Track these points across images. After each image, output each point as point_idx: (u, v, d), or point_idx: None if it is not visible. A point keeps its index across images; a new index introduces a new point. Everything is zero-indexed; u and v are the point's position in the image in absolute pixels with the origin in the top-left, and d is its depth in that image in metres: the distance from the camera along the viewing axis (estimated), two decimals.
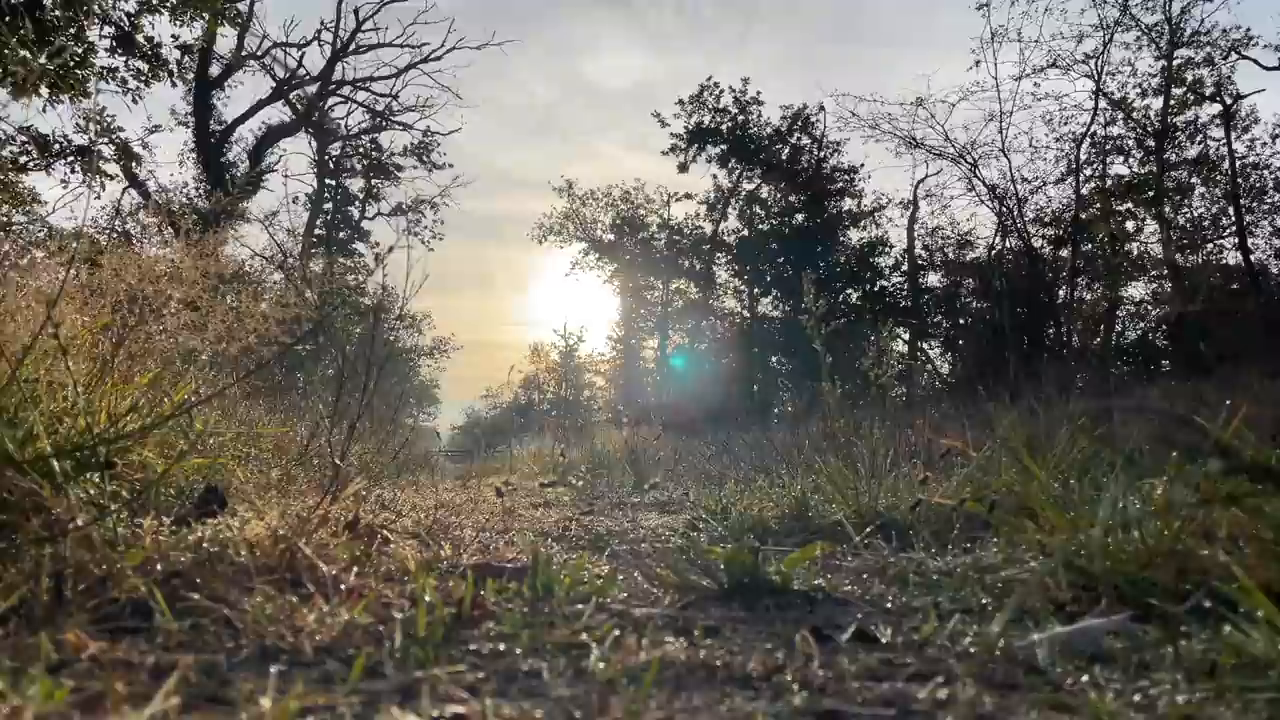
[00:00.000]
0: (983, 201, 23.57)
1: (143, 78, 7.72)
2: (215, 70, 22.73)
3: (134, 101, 8.23)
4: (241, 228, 33.55)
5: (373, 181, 38.66)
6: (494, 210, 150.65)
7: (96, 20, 7.19)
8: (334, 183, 38.68)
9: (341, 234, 39.57)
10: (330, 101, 30.61)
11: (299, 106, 25.37)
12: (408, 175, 38.05)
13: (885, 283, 25.66)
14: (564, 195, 34.89)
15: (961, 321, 22.63)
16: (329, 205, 38.83)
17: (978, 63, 24.27)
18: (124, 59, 7.55)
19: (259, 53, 23.86)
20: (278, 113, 25.61)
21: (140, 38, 7.54)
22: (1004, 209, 22.89)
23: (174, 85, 7.82)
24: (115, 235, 25.72)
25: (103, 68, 7.70)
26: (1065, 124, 24.76)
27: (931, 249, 26.25)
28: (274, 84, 23.80)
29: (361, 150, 38.04)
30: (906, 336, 28.29)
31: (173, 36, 7.20)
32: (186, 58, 7.36)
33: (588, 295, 39.79)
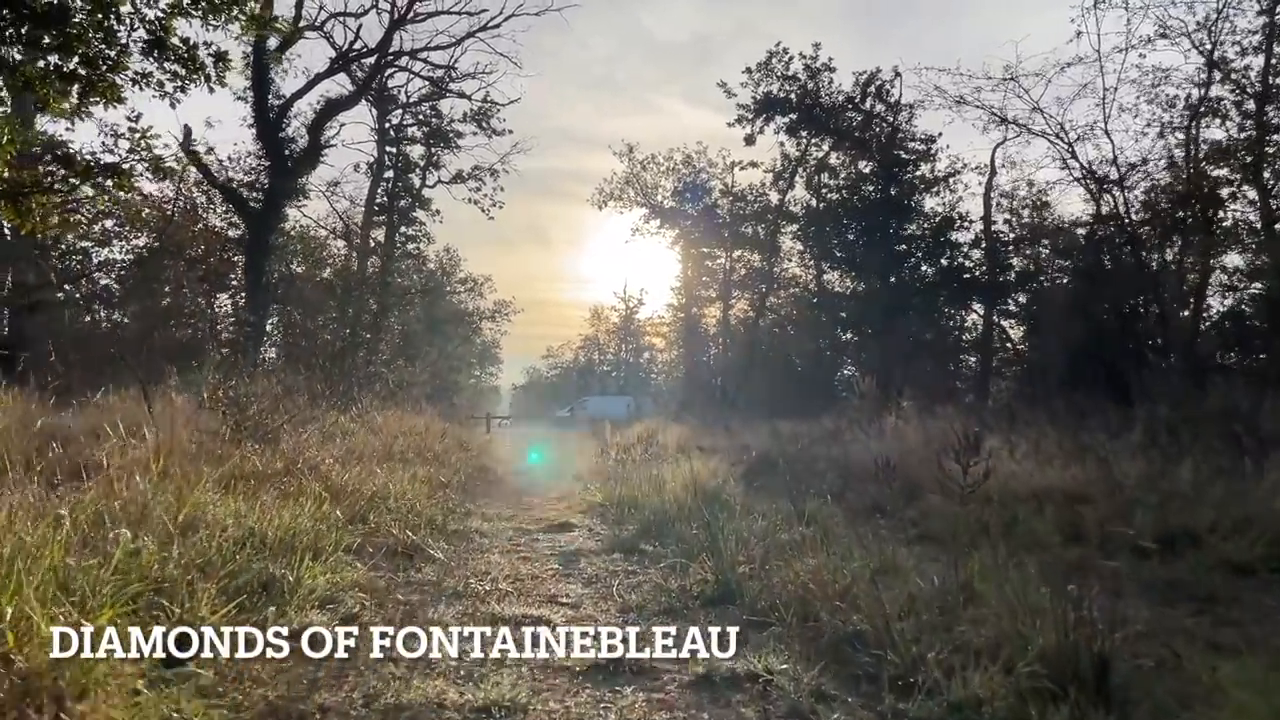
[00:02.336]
0: (1078, 181, 22.01)
1: (179, 80, 7.32)
2: (273, 43, 22.32)
3: (171, 107, 7.85)
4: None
5: (432, 149, 38.40)
6: (553, 167, 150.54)
7: (127, 24, 6.79)
8: (395, 150, 38.51)
9: (402, 202, 39.47)
10: (389, 71, 30.20)
11: (358, 78, 24.94)
12: (467, 143, 37.72)
13: (964, 259, 24.37)
14: (624, 159, 34.18)
15: (1045, 299, 21.30)
16: (390, 174, 38.71)
17: (1079, 33, 22.37)
18: (158, 63, 7.15)
19: (317, 23, 23.43)
20: (335, 85, 25.24)
21: (176, 40, 7.10)
22: (1103, 192, 21.38)
23: (211, 91, 7.40)
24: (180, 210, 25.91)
25: (136, 73, 7.28)
26: (1156, 86, 23.15)
27: (1014, 223, 24.89)
28: (331, 56, 23.37)
29: (421, 118, 37.75)
30: (981, 311, 27.06)
31: (205, 44, 6.84)
32: (220, 63, 6.93)
33: (649, 256, 39.11)
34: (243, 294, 28.97)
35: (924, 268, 24.64)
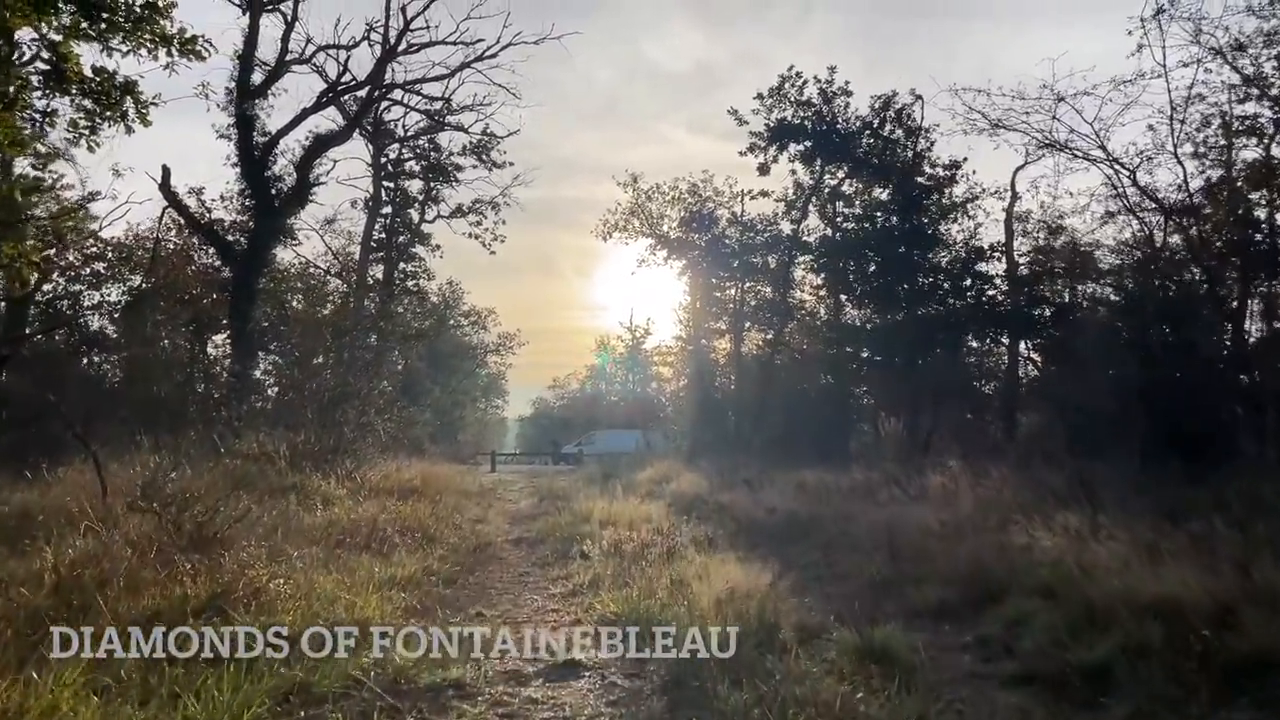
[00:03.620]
0: (1133, 211, 20.31)
1: (91, 120, 6.10)
2: (258, 78, 21.18)
3: (90, 150, 6.63)
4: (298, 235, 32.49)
5: (431, 184, 37.30)
6: (559, 196, 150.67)
7: (22, 50, 5.58)
8: (392, 185, 37.41)
9: (401, 238, 38.35)
10: (383, 104, 29.09)
11: (349, 111, 23.77)
12: (467, 176, 36.60)
13: (994, 290, 22.89)
14: (629, 189, 32.93)
15: (1086, 335, 19.64)
16: (388, 209, 37.59)
17: (1141, 47, 20.63)
18: (67, 98, 5.94)
19: (305, 56, 22.30)
20: (325, 120, 24.12)
21: (88, 70, 5.87)
22: (1171, 220, 19.72)
23: (129, 132, 6.20)
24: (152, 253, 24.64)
25: (39, 111, 6.04)
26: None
27: (1042, 250, 23.37)
28: (319, 90, 22.20)
29: (419, 151, 36.68)
30: (1006, 341, 25.56)
31: (140, 76, 5.67)
32: (133, 97, 5.82)
33: (657, 283, 37.70)
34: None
35: (951, 300, 23.14)
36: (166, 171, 20.29)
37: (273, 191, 21.29)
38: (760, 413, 28.86)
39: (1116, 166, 20.50)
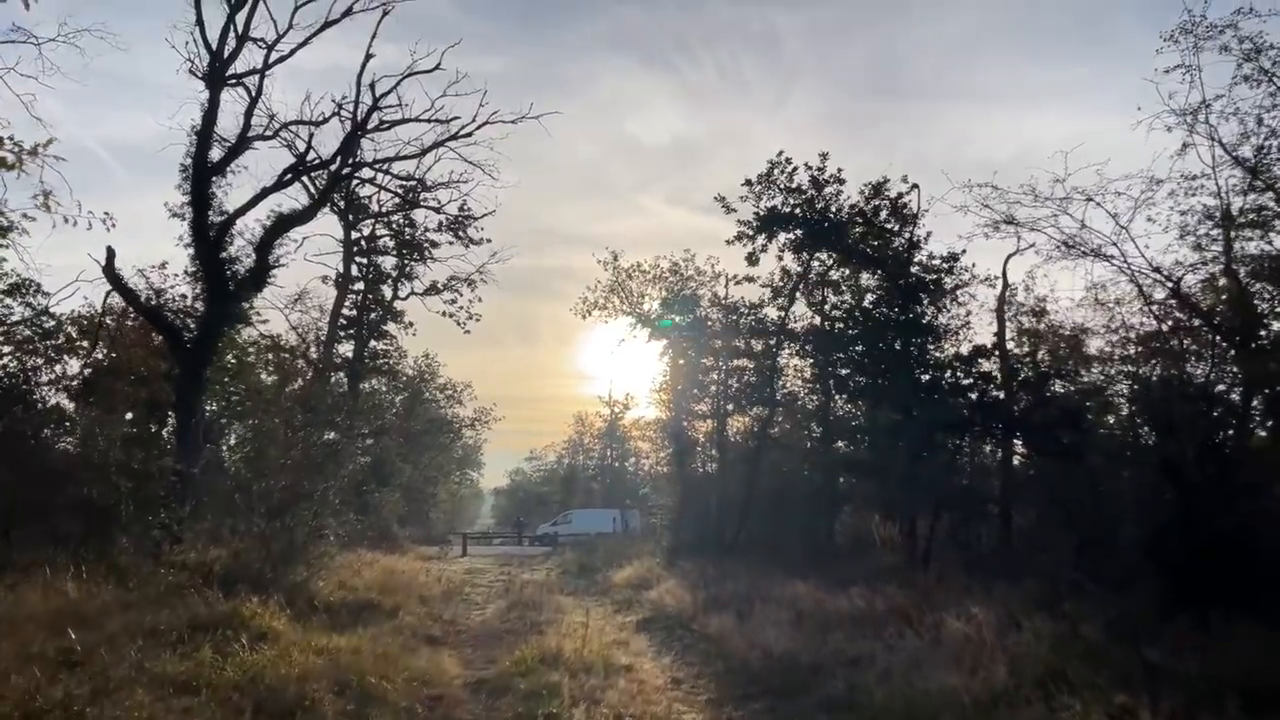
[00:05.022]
0: (1184, 329, 18.54)
1: None
2: (216, 154, 19.97)
3: None
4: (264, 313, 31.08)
5: (405, 260, 36.16)
6: (540, 266, 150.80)
7: None
8: (365, 262, 36.21)
9: (373, 314, 37.04)
10: (357, 181, 28.01)
11: (314, 191, 22.58)
12: (443, 252, 35.52)
13: (997, 392, 21.61)
14: (608, 267, 31.85)
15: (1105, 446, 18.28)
16: (360, 285, 36.32)
17: (1185, 146, 18.81)
18: None
19: (268, 133, 21.13)
20: (288, 198, 22.92)
21: None
22: (1222, 339, 18.21)
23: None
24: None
25: None
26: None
27: (1051, 352, 22.14)
28: (282, 169, 20.98)
29: (394, 228, 35.60)
30: (1015, 442, 24.15)
31: None
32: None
33: (637, 356, 36.41)
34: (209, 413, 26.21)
35: (952, 399, 21.84)
36: (111, 253, 18.90)
37: (228, 274, 19.90)
38: (745, 507, 27.33)
39: (1159, 278, 19.06)
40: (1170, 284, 18.69)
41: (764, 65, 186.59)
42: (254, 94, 20.50)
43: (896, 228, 25.34)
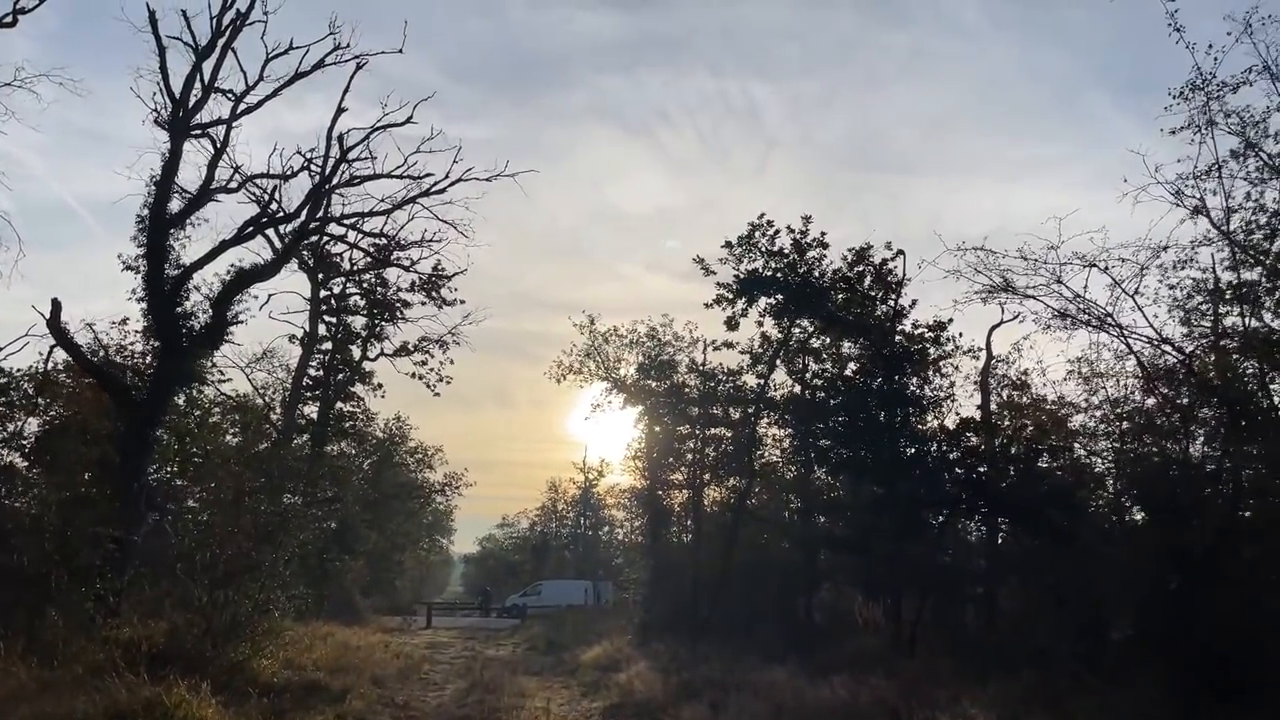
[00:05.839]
0: (1171, 396, 17.65)
1: None
2: (176, 205, 19.22)
3: None
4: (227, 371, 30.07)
5: (376, 320, 35.28)
6: (518, 329, 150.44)
7: None
8: (334, 320, 35.30)
9: (340, 375, 35.98)
10: (322, 239, 27.32)
11: (277, 247, 21.80)
12: (415, 313, 34.73)
13: (982, 467, 20.78)
14: (584, 331, 31.12)
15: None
16: (328, 345, 35.33)
17: (1197, 210, 17.66)
18: None
19: (232, 185, 20.43)
20: (250, 253, 22.11)
21: None
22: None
23: None
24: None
25: None
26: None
27: (1036, 426, 21.41)
28: (242, 222, 20.21)
29: (365, 287, 34.81)
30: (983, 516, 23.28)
31: None
32: None
33: (612, 422, 35.53)
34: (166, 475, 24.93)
35: (936, 473, 21.02)
36: (56, 305, 17.97)
37: (182, 330, 18.97)
38: (721, 583, 26.21)
39: (1164, 347, 18.41)
40: (1181, 355, 18.01)
41: (744, 135, 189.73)
42: (219, 145, 19.88)
43: (880, 294, 24.70)
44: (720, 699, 14.19)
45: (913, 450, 21.73)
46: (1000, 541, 23.57)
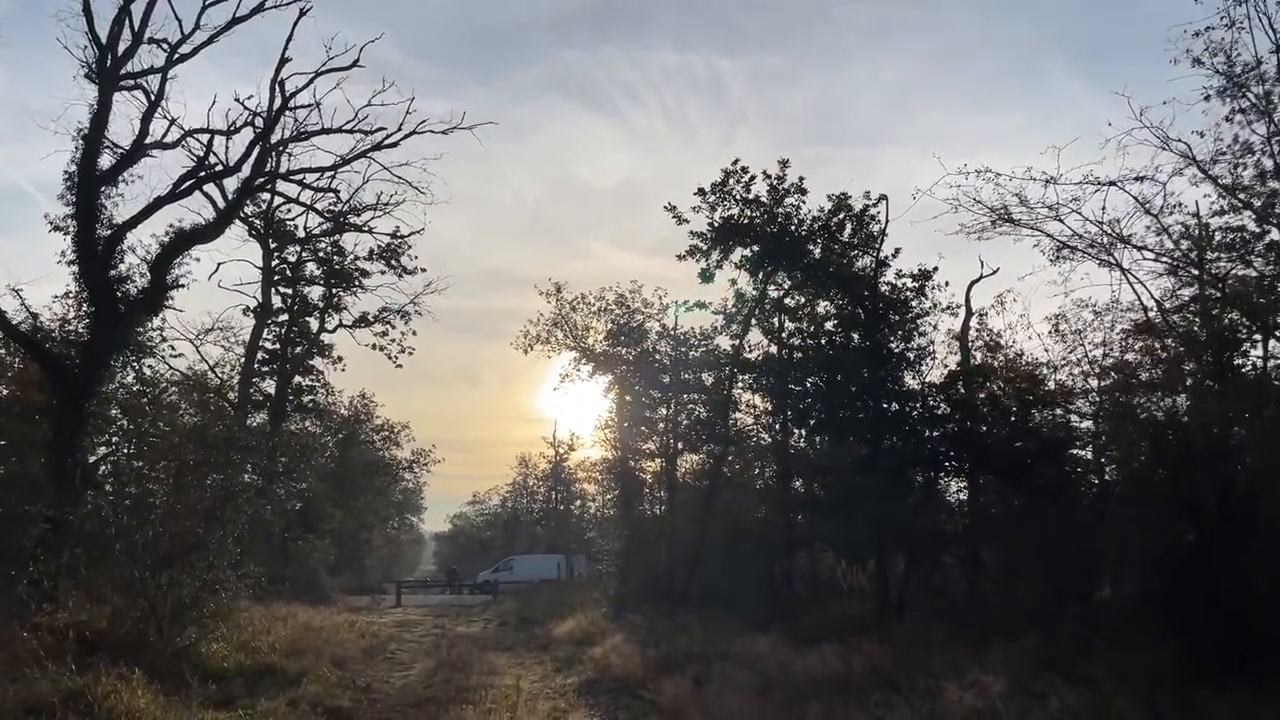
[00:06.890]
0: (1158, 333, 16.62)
1: None
2: (107, 161, 17.82)
3: None
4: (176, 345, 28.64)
5: (334, 290, 33.88)
6: (486, 307, 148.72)
7: None
8: (290, 291, 33.87)
9: (298, 349, 34.58)
10: (281, 203, 25.93)
11: (219, 205, 20.39)
12: (374, 282, 33.41)
13: (971, 423, 19.97)
14: (551, 299, 29.94)
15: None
16: (284, 317, 33.91)
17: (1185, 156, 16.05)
18: None
19: (168, 141, 19.03)
20: (189, 212, 20.73)
21: None
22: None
23: None
24: None
25: None
26: None
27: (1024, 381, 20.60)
28: (178, 177, 18.78)
29: (321, 255, 33.38)
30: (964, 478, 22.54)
31: None
32: None
33: (583, 395, 34.52)
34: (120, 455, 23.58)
35: (924, 431, 20.18)
36: None
37: (118, 294, 17.64)
38: (698, 552, 25.38)
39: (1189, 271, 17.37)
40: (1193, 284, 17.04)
41: (709, 109, 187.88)
42: (154, 97, 18.45)
43: (862, 243, 23.50)
44: (703, 672, 13.32)
45: (896, 407, 20.87)
46: (982, 500, 22.89)
